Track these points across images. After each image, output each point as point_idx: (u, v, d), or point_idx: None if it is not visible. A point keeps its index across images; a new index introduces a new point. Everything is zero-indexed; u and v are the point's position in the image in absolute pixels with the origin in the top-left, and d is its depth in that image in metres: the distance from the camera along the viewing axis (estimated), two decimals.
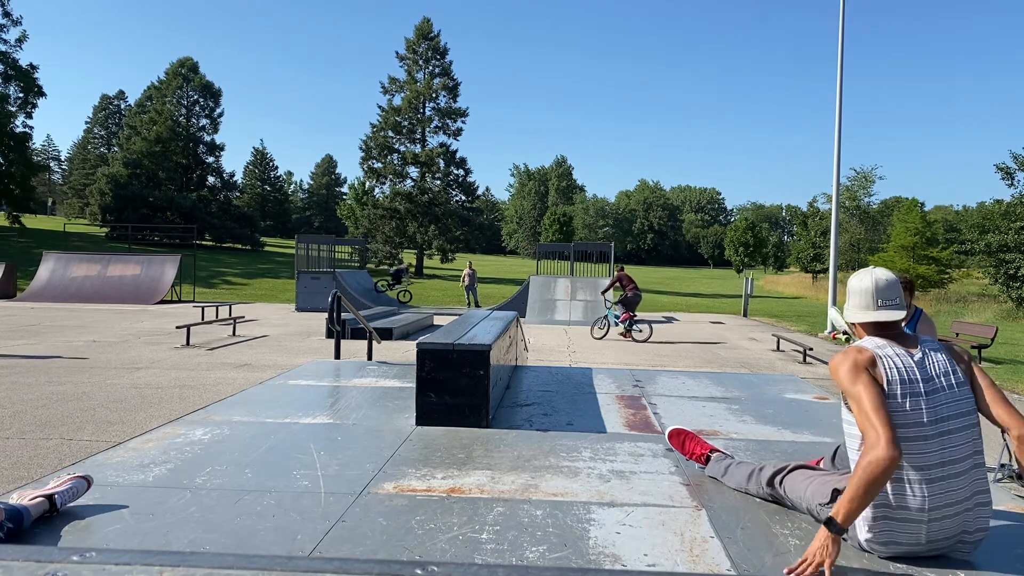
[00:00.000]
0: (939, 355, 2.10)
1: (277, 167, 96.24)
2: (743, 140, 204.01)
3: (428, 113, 48.81)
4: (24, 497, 2.19)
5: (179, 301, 24.17)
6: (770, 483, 2.49)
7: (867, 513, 2.01)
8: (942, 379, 2.03)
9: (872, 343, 2.13)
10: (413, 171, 49.29)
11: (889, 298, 2.18)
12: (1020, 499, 2.65)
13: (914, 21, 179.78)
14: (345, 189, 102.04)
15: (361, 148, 49.16)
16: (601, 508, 2.46)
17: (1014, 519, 2.42)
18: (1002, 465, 2.97)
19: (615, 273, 16.61)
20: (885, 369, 2.03)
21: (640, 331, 15.05)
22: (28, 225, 50.55)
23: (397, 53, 49.22)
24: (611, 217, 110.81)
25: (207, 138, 57.17)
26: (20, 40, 45.33)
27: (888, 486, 1.98)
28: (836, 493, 2.17)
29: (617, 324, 15.39)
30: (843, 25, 18.68)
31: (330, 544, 2.10)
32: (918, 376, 2.02)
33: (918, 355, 2.07)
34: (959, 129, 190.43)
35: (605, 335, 15.55)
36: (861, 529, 2.07)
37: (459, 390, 3.62)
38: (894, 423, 1.94)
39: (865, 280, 2.23)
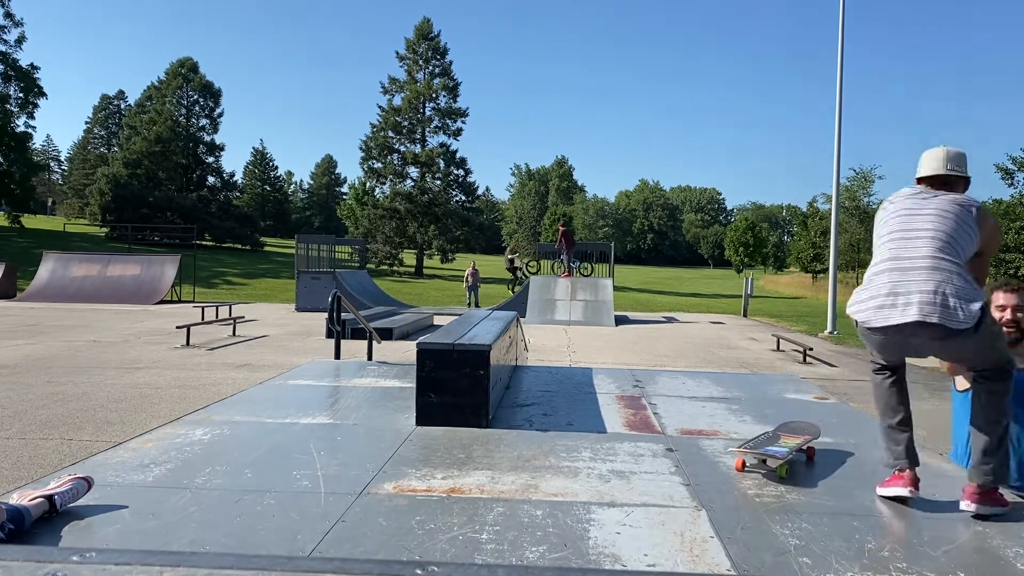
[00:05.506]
0: None
1: (277, 167, 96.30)
2: (743, 140, 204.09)
3: (428, 113, 48.83)
4: (24, 497, 2.19)
5: (179, 301, 24.16)
6: None
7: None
8: None
9: None
10: (413, 171, 49.31)
11: (958, 164, 2.63)
12: (1015, 490, 2.65)
13: (914, 21, 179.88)
14: (345, 189, 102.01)
15: (361, 148, 49.20)
16: (601, 508, 2.45)
17: (1015, 516, 2.42)
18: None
19: (560, 230, 23.95)
20: None
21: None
22: (28, 225, 50.58)
23: (397, 53, 49.28)
24: (611, 217, 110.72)
25: (207, 138, 57.18)
26: (19, 41, 45.34)
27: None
28: None
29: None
30: (843, 24, 18.69)
31: (330, 544, 2.10)
32: None
33: None
34: (959, 128, 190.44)
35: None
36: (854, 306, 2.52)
37: (459, 390, 3.62)
38: None
39: (939, 150, 2.65)
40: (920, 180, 2.68)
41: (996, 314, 2.89)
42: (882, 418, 2.60)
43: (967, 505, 2.38)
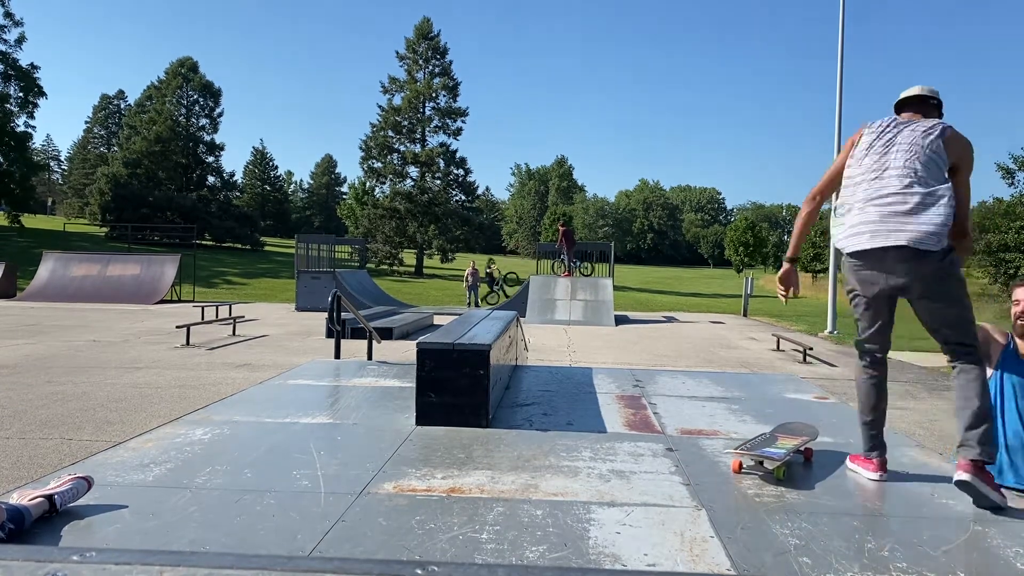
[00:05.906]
0: None
1: (277, 167, 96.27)
2: (743, 140, 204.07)
3: (428, 113, 48.83)
4: (24, 497, 2.19)
5: (179, 301, 24.16)
6: None
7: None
8: None
9: None
10: (413, 171, 49.31)
11: (932, 92, 2.90)
12: (1019, 494, 2.65)
13: (914, 20, 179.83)
14: (345, 189, 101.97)
15: (361, 148, 49.20)
16: (601, 508, 2.45)
17: (1015, 516, 2.42)
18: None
19: (560, 230, 24.18)
20: None
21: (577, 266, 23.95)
22: (28, 225, 50.56)
23: (397, 53, 49.28)
24: (611, 217, 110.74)
25: (207, 138, 57.18)
26: (19, 40, 45.34)
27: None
28: None
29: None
30: (843, 24, 18.68)
31: (330, 544, 2.10)
32: None
33: None
34: (960, 127, 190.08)
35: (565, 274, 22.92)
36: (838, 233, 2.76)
37: (459, 390, 3.62)
38: None
39: (915, 86, 2.92)
40: (899, 109, 2.92)
41: (1013, 309, 2.99)
42: (860, 413, 2.93)
43: (961, 475, 2.45)
